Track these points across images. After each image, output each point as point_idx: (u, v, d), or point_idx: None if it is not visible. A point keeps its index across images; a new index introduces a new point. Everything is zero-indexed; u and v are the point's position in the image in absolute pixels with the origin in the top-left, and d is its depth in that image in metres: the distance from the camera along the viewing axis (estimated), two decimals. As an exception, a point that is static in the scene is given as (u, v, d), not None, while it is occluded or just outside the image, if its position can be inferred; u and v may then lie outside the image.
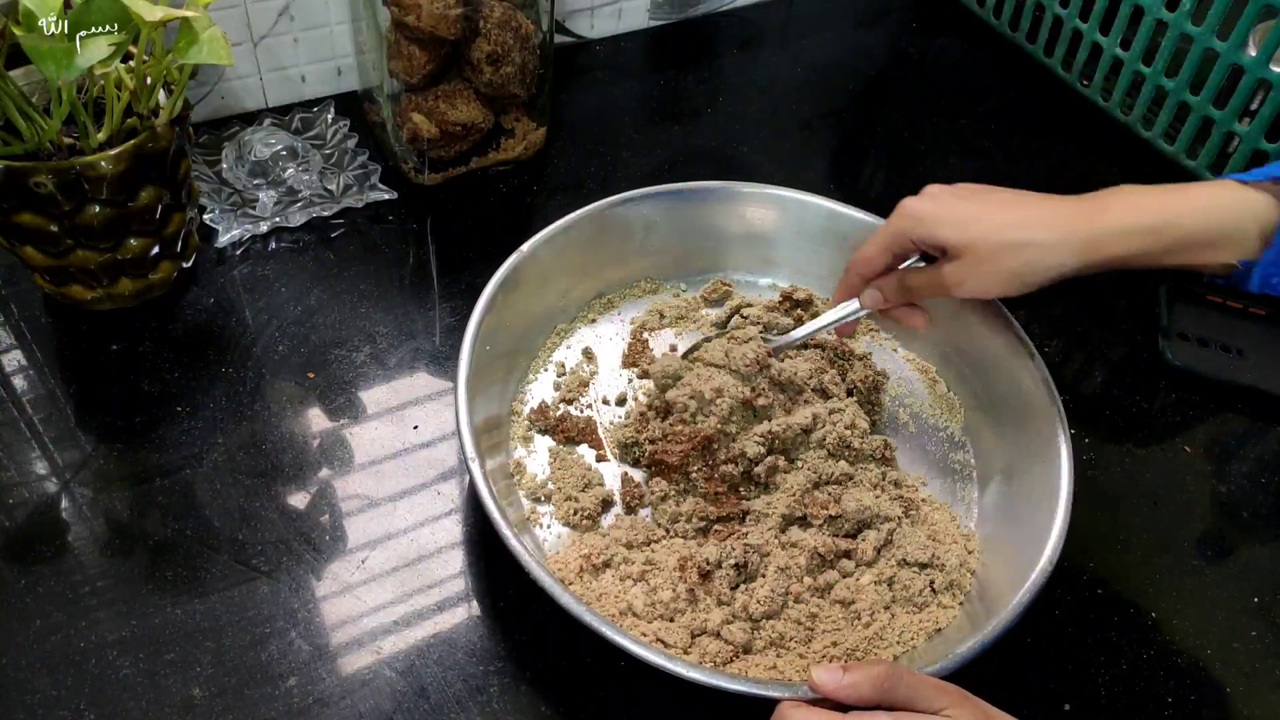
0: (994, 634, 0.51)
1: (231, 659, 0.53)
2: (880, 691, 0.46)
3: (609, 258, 0.72)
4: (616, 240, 0.72)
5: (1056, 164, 0.92)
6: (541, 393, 0.67)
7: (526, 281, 0.66)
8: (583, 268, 0.71)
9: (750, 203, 0.74)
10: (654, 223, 0.72)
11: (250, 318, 0.71)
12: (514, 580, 0.58)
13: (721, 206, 0.73)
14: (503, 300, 0.63)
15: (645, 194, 0.71)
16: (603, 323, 0.72)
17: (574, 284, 0.71)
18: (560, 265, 0.69)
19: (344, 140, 0.83)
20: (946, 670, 0.49)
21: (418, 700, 0.52)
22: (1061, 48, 0.95)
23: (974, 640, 0.50)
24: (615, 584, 0.56)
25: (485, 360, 0.61)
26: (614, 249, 0.72)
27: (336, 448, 0.64)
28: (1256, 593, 0.61)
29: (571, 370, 0.68)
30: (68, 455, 0.62)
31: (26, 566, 0.56)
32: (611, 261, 0.72)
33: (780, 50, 1.03)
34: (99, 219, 0.63)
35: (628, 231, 0.72)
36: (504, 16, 0.74)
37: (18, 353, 0.68)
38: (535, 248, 0.66)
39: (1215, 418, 0.71)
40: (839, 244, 0.72)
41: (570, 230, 0.68)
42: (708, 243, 0.75)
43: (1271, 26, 0.77)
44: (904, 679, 0.46)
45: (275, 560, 0.57)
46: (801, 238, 0.74)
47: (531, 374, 0.68)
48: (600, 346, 0.70)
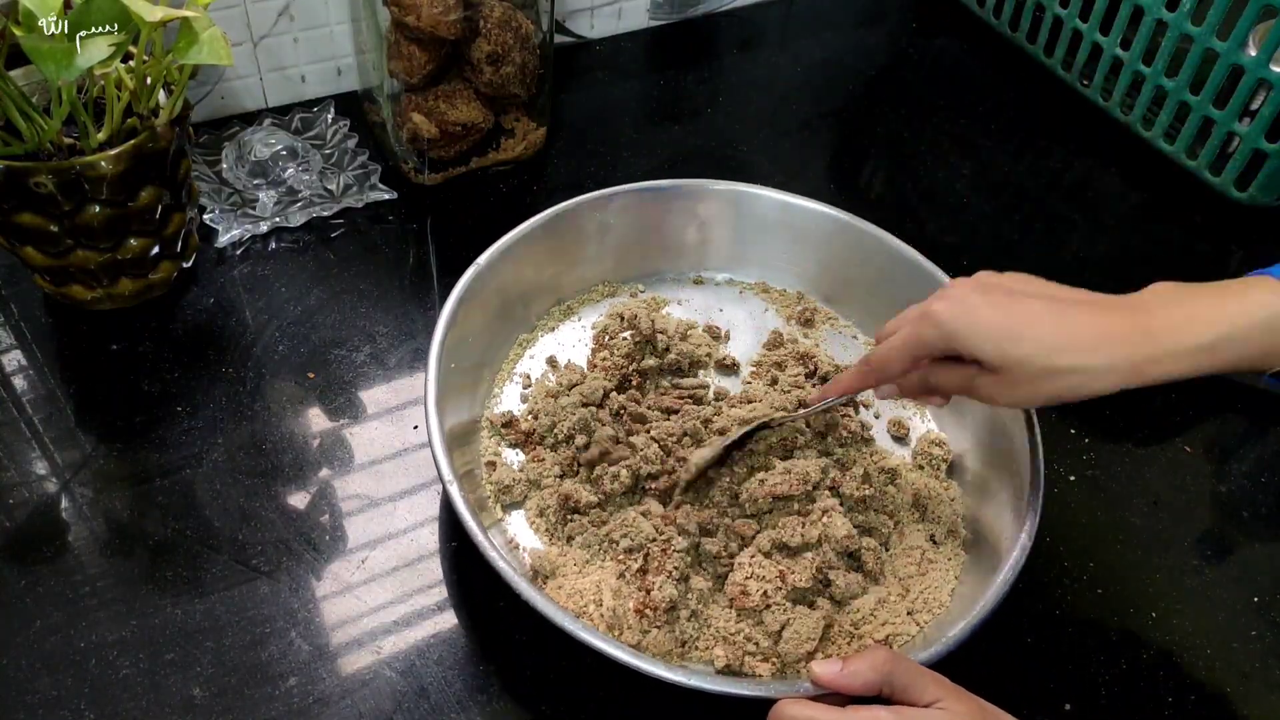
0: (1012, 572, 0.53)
1: (231, 659, 0.53)
2: (881, 675, 0.46)
3: (566, 263, 0.72)
4: (572, 245, 0.71)
5: (1056, 164, 0.92)
6: (509, 404, 0.66)
7: (486, 293, 0.65)
8: (539, 275, 0.70)
9: (703, 199, 0.73)
10: (608, 224, 0.72)
11: (250, 318, 0.71)
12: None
13: (678, 204, 0.73)
14: (464, 315, 0.62)
15: (597, 197, 0.71)
16: (564, 329, 0.71)
17: (533, 292, 0.70)
18: (518, 274, 0.68)
19: (344, 140, 0.83)
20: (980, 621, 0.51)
21: (418, 700, 0.52)
22: (1061, 48, 0.95)
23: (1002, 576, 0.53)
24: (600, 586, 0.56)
25: (452, 377, 0.60)
26: (570, 254, 0.71)
27: (336, 448, 0.64)
28: (1256, 593, 0.61)
29: (537, 380, 0.67)
30: (68, 455, 0.62)
31: (26, 566, 0.56)
32: (568, 266, 0.72)
33: (780, 50, 1.03)
34: (99, 219, 0.63)
35: (582, 235, 0.71)
36: (504, 16, 0.74)
37: (18, 353, 0.68)
38: (491, 259, 0.65)
39: (1215, 418, 0.71)
40: (794, 236, 0.73)
41: (526, 238, 0.68)
42: (663, 241, 0.74)
43: (1271, 26, 0.77)
44: (902, 663, 0.46)
45: (275, 560, 0.57)
46: (758, 231, 0.74)
47: (496, 387, 0.67)
48: (563, 355, 0.69)
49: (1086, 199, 0.88)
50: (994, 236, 0.84)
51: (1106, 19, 0.89)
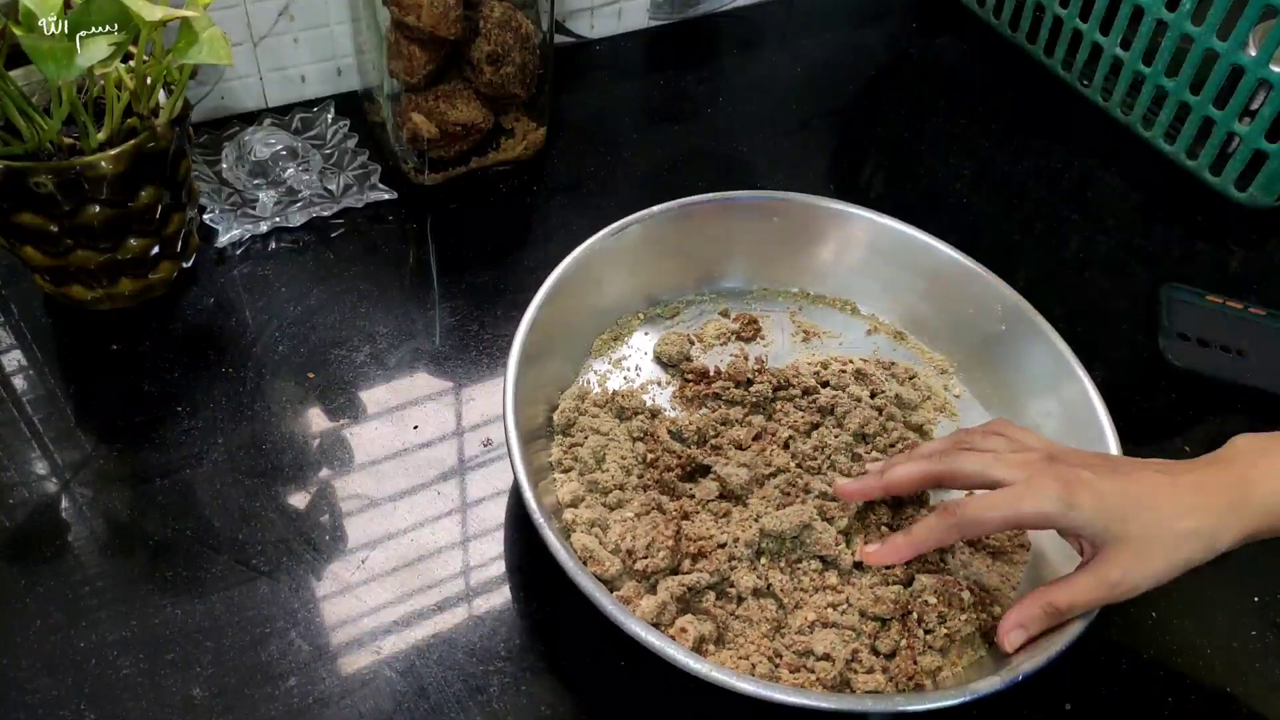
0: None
1: (231, 659, 0.53)
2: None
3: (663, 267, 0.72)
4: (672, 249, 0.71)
5: (1056, 164, 0.92)
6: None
7: (581, 282, 0.66)
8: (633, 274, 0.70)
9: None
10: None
11: (250, 318, 0.71)
12: (514, 579, 0.58)
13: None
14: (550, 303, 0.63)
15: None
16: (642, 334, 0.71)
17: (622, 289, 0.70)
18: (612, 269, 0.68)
19: (344, 140, 0.83)
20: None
21: (418, 700, 0.52)
22: (1061, 48, 0.95)
23: None
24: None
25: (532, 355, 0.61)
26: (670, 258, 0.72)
27: (336, 448, 0.64)
28: (1256, 593, 0.61)
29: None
30: (68, 455, 0.62)
31: (26, 566, 0.56)
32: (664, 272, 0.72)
33: (780, 50, 1.03)
34: (99, 219, 0.63)
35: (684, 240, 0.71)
36: (504, 16, 0.74)
37: (18, 353, 0.68)
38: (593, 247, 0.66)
39: (1215, 418, 0.71)
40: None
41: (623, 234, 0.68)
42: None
43: (1271, 26, 0.77)
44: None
45: (275, 560, 0.57)
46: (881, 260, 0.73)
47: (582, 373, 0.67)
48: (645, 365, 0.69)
49: (1086, 199, 0.88)
50: (994, 236, 0.84)
51: (1106, 19, 0.89)
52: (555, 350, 0.64)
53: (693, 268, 0.73)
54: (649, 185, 0.85)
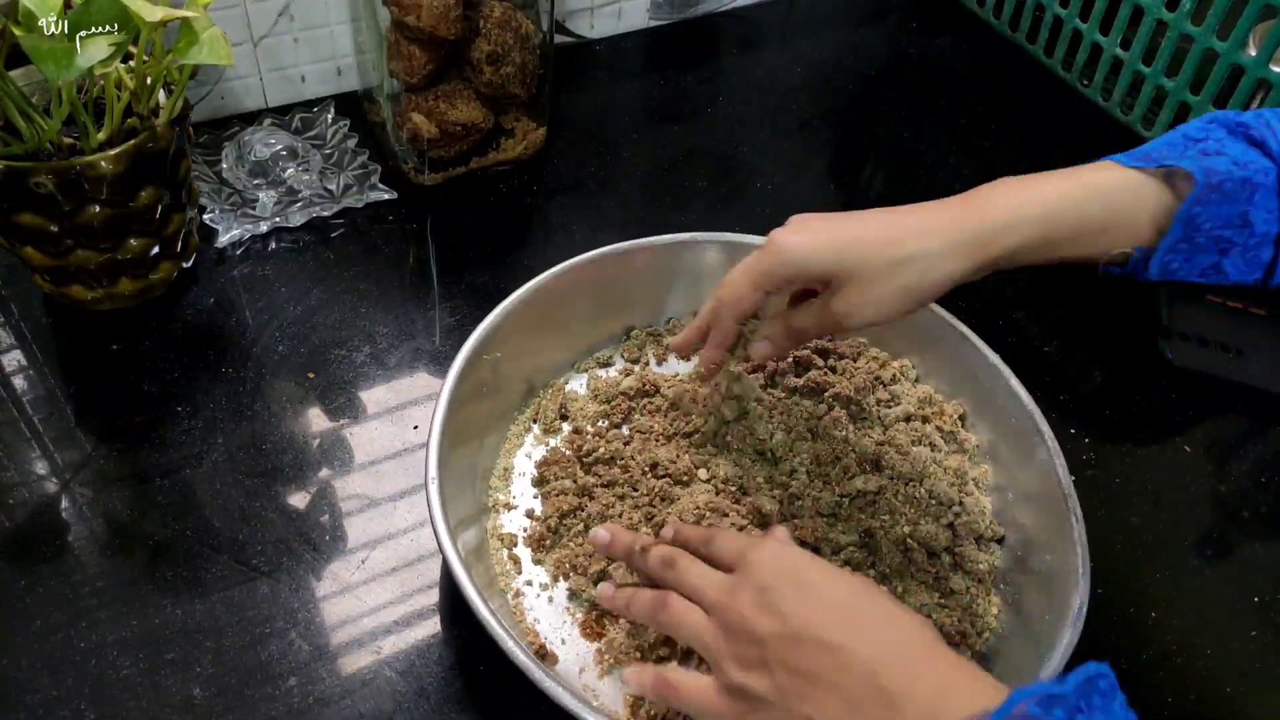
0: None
1: (231, 659, 0.53)
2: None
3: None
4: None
5: (1057, 164, 0.92)
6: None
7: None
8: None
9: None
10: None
11: (250, 318, 0.71)
12: (514, 580, 0.58)
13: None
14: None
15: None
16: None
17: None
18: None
19: (344, 140, 0.83)
20: None
21: (418, 700, 0.52)
22: (1061, 48, 0.95)
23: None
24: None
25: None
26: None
27: (336, 448, 0.64)
28: (1256, 593, 0.61)
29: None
30: (68, 455, 0.62)
31: (26, 566, 0.56)
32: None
33: (780, 50, 1.03)
34: (99, 219, 0.63)
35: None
36: (504, 16, 0.74)
37: (18, 353, 0.68)
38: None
39: (1215, 418, 0.71)
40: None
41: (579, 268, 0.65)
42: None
43: (1271, 26, 0.77)
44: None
45: (275, 560, 0.57)
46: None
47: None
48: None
49: (1086, 199, 0.88)
50: (994, 236, 0.84)
51: (1106, 19, 0.89)
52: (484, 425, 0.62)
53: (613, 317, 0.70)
54: (649, 185, 0.85)
